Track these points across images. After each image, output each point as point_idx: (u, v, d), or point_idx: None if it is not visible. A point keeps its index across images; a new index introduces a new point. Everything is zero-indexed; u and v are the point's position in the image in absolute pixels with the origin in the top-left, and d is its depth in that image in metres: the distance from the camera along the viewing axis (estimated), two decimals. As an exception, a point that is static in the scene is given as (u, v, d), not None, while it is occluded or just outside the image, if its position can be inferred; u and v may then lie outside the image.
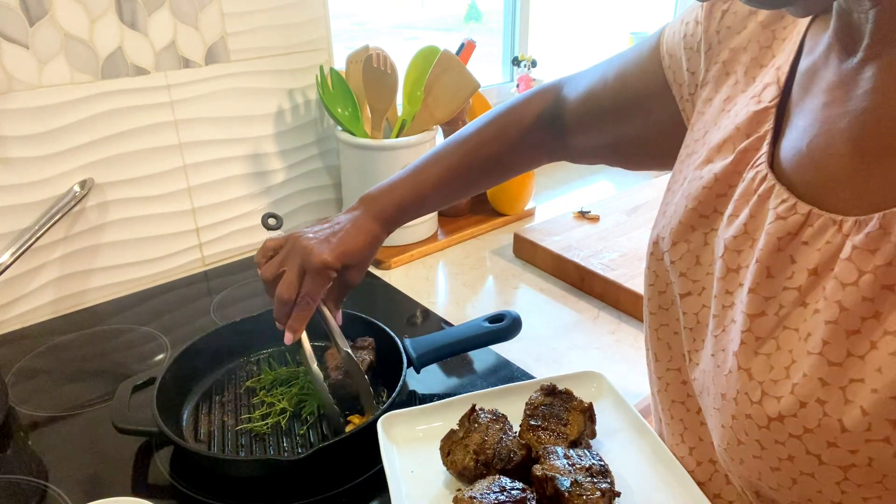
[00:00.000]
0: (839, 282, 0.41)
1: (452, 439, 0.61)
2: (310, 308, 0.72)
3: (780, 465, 0.43)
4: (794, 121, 0.47)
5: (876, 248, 0.39)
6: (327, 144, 1.21)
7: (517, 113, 0.78)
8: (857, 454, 0.39)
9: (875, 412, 0.38)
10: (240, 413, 0.77)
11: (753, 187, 0.48)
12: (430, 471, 0.61)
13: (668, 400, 0.57)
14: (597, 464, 0.56)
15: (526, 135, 0.77)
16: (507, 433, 0.61)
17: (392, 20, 1.73)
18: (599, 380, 0.70)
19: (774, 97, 0.49)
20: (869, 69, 0.41)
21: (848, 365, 0.40)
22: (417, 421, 0.66)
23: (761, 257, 0.45)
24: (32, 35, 0.87)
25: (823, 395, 0.40)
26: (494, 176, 0.82)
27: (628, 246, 1.08)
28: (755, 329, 0.45)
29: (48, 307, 1.00)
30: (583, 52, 2.19)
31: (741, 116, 0.51)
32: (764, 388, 0.44)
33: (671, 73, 0.62)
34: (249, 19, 1.05)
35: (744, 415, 0.45)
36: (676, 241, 0.53)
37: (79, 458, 0.72)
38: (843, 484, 0.40)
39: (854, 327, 0.40)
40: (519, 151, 0.78)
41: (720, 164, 0.51)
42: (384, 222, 0.77)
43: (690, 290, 0.52)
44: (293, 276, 0.71)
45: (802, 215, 0.44)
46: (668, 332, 0.56)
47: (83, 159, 0.96)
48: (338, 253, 0.72)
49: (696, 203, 0.52)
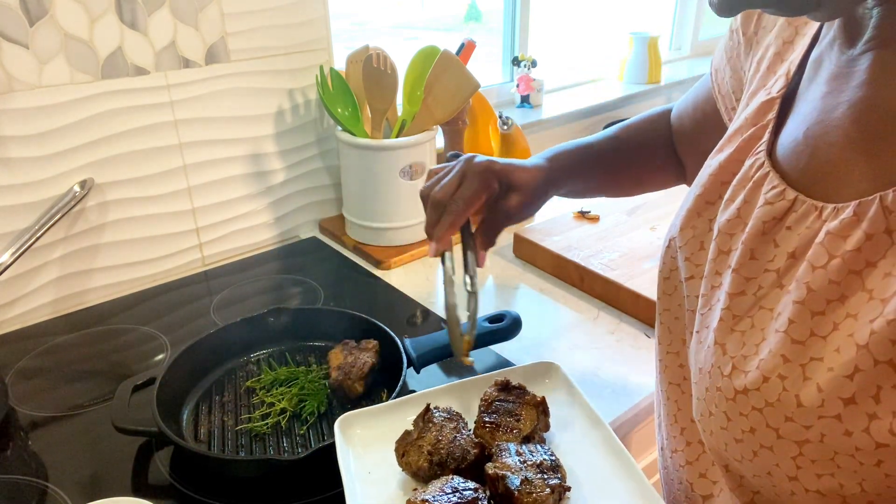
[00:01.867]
0: (810, 264, 0.42)
1: (407, 440, 0.61)
2: (460, 213, 0.65)
3: (743, 437, 0.45)
4: (796, 109, 0.49)
5: (848, 234, 0.41)
6: (327, 144, 1.21)
7: (657, 131, 0.79)
8: (811, 430, 0.41)
9: (829, 390, 0.40)
10: (240, 413, 0.77)
11: (751, 174, 0.49)
12: (386, 471, 0.61)
13: (666, 382, 0.60)
14: (548, 459, 0.57)
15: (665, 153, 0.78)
16: (461, 432, 0.61)
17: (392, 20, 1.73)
18: (555, 370, 0.70)
19: (781, 88, 0.51)
20: (865, 61, 0.43)
21: (810, 343, 0.41)
22: (375, 420, 0.65)
23: (746, 240, 0.47)
24: (32, 35, 0.87)
25: (784, 371, 0.42)
26: (631, 188, 0.83)
27: (628, 246, 1.08)
28: (733, 307, 0.47)
29: (48, 307, 1.00)
30: (583, 52, 2.19)
31: (752, 108, 0.53)
32: (735, 363, 0.46)
33: (716, 88, 0.65)
34: (249, 19, 1.05)
35: (715, 387, 0.47)
36: (684, 227, 0.55)
37: (79, 458, 0.72)
38: (798, 459, 0.42)
39: (819, 308, 0.41)
40: (659, 169, 0.80)
41: (727, 152, 0.53)
42: (552, 170, 0.72)
43: (693, 274, 0.54)
44: (453, 178, 0.66)
45: (789, 201, 0.45)
46: (670, 317, 0.59)
47: (83, 159, 0.96)
48: (504, 168, 0.68)
49: (703, 190, 0.54)
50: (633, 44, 1.88)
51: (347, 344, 0.82)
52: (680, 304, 0.57)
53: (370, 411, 0.66)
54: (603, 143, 0.78)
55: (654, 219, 1.17)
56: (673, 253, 0.57)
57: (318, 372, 0.82)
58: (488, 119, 1.32)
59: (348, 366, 0.78)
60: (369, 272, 1.11)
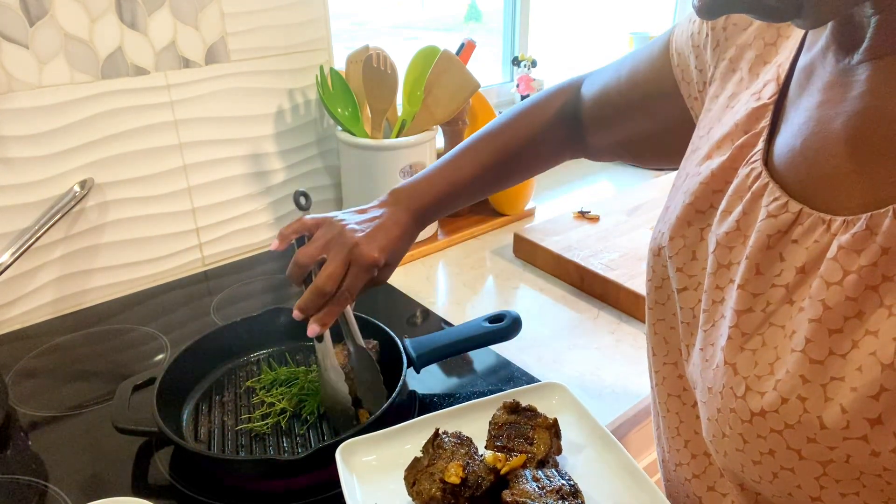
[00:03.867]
0: (824, 281, 0.41)
1: (417, 468, 0.57)
2: (346, 303, 0.69)
3: (761, 459, 0.44)
4: (789, 118, 0.48)
5: (861, 248, 0.40)
6: (327, 144, 1.21)
7: (541, 108, 0.78)
8: (836, 451, 0.39)
9: (854, 410, 0.38)
10: (240, 413, 0.77)
11: (748, 184, 0.48)
12: (393, 501, 0.58)
13: (664, 394, 0.58)
14: (566, 484, 0.54)
15: (549, 130, 0.77)
16: (473, 458, 0.58)
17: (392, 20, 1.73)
18: (562, 391, 0.68)
19: (773, 94, 0.49)
20: (865, 71, 0.42)
21: (829, 363, 0.40)
22: (379, 447, 0.62)
23: (751, 254, 0.46)
24: (32, 35, 0.87)
25: (804, 392, 0.41)
26: (523, 171, 0.81)
27: (628, 246, 1.08)
28: (742, 325, 0.46)
29: (48, 307, 1.00)
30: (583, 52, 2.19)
31: (741, 113, 0.51)
32: (748, 384, 0.44)
33: (679, 72, 0.62)
34: (249, 19, 1.05)
35: (728, 409, 0.46)
36: (674, 237, 0.54)
37: (79, 458, 0.72)
38: (821, 479, 0.41)
39: (837, 326, 0.40)
40: (544, 146, 0.78)
41: (718, 160, 0.51)
42: (420, 218, 0.75)
43: (687, 286, 0.53)
44: (338, 267, 0.67)
45: (793, 213, 0.44)
46: (665, 327, 0.57)
47: (83, 159, 0.96)
48: (385, 250, 0.70)
49: (693, 199, 0.52)
50: (633, 44, 1.88)
51: (347, 344, 0.82)
52: (674, 313, 0.55)
53: (373, 437, 0.63)
54: (474, 169, 0.77)
55: (654, 219, 1.17)
56: (663, 262, 0.56)
57: (318, 372, 0.82)
58: (488, 119, 1.32)
59: (348, 366, 0.78)
60: (369, 272, 1.11)
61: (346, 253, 0.68)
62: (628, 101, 0.69)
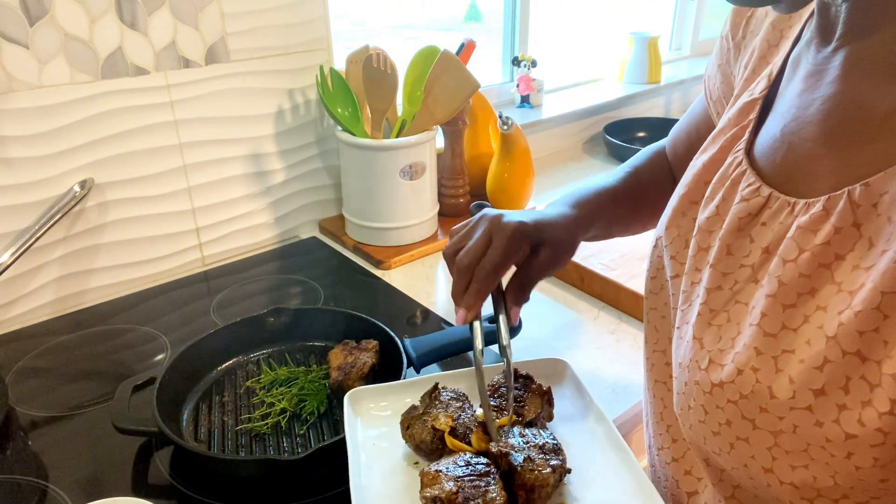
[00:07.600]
0: (781, 258, 0.44)
1: (412, 414, 0.62)
2: (489, 280, 0.60)
3: (720, 430, 0.46)
4: (775, 108, 0.50)
5: (817, 228, 0.42)
6: (327, 144, 1.21)
7: (660, 165, 0.78)
8: (784, 420, 0.41)
9: (800, 381, 0.41)
10: (240, 413, 0.77)
11: (729, 172, 0.50)
12: (390, 444, 0.63)
13: (652, 380, 0.60)
14: (550, 442, 0.58)
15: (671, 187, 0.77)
16: (465, 411, 0.62)
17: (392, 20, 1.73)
18: (563, 366, 0.71)
19: (764, 89, 0.52)
20: (838, 58, 0.44)
21: (782, 336, 0.42)
22: (384, 397, 0.67)
23: (723, 236, 0.48)
24: (32, 35, 0.87)
25: (757, 363, 0.43)
26: (645, 225, 0.78)
27: (628, 246, 1.08)
28: (710, 302, 0.48)
29: (48, 307, 1.00)
30: (583, 52, 2.19)
31: (735, 109, 0.54)
32: (711, 357, 0.47)
33: (708, 95, 0.66)
34: (249, 19, 1.05)
35: (693, 381, 0.48)
36: (669, 227, 0.56)
37: (79, 458, 0.72)
38: (773, 450, 0.42)
39: (790, 301, 0.42)
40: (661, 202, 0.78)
41: (710, 153, 0.54)
42: (580, 217, 0.68)
43: (678, 272, 0.55)
44: (479, 241, 0.61)
45: (763, 197, 0.47)
46: (657, 315, 0.59)
47: (83, 159, 0.96)
48: (535, 219, 0.63)
49: (687, 189, 0.55)
50: (633, 44, 1.88)
51: (347, 344, 0.82)
52: (666, 302, 0.58)
53: (379, 388, 0.68)
54: (619, 186, 0.74)
55: (654, 219, 1.17)
56: (659, 252, 0.58)
57: (318, 372, 0.82)
58: (488, 119, 1.32)
59: (348, 366, 0.78)
60: (369, 272, 1.11)
61: (486, 224, 0.62)
62: (691, 150, 0.69)
